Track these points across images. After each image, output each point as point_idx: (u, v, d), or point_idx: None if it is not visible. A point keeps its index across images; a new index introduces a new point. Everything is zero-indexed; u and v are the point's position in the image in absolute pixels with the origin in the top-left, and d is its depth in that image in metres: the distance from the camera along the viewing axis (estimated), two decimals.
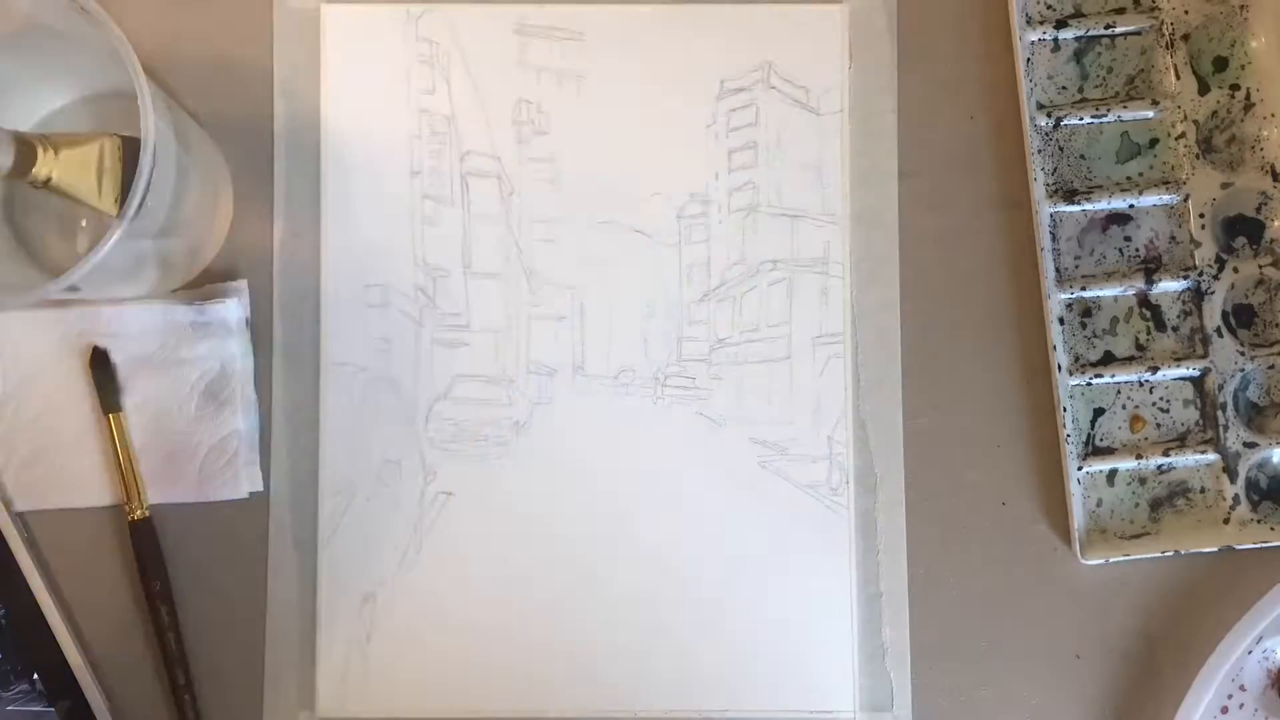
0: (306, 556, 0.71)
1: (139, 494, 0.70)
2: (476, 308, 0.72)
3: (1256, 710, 0.68)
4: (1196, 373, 0.71)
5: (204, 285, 0.71)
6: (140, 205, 0.57)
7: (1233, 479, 0.70)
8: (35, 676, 0.69)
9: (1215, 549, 0.69)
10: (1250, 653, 0.67)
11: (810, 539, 0.71)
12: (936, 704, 0.70)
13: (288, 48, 0.72)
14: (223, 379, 0.70)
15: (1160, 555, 0.70)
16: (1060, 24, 0.72)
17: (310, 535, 0.71)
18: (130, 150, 0.60)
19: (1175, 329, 0.71)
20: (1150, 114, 0.72)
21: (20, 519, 0.70)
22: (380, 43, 0.72)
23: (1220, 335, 0.70)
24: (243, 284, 0.71)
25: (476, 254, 0.72)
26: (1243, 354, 0.70)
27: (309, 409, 0.71)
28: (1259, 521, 0.70)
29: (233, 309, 0.70)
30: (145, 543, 0.70)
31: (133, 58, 0.57)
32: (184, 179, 0.64)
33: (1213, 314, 0.70)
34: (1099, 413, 0.72)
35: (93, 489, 0.71)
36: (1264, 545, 0.70)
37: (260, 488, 0.71)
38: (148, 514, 0.70)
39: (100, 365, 0.70)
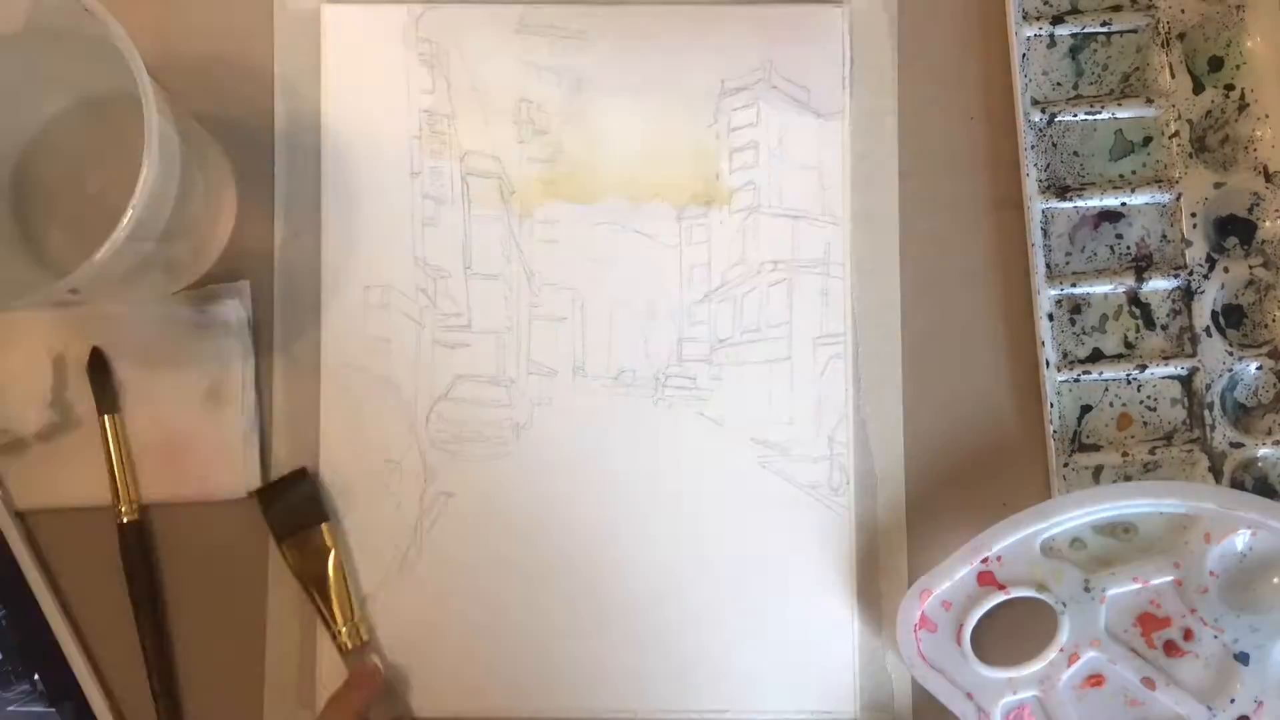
0: None
1: (131, 497, 0.70)
2: (477, 308, 0.72)
3: None
4: (1184, 372, 0.71)
5: (205, 285, 0.71)
6: (142, 208, 0.57)
7: (1218, 478, 0.70)
8: (36, 677, 0.69)
9: None
10: None
11: (811, 539, 0.71)
12: (936, 704, 0.70)
13: (288, 48, 0.72)
14: (223, 379, 0.70)
15: None
16: (1057, 20, 0.72)
17: None
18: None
19: (1164, 328, 0.72)
20: (1144, 112, 0.72)
21: (21, 519, 0.70)
22: (380, 43, 0.72)
23: (1209, 335, 0.71)
24: (244, 284, 0.71)
25: (477, 254, 0.72)
26: (1231, 354, 0.70)
27: (309, 409, 0.71)
28: None
29: (233, 309, 0.70)
30: (133, 546, 0.70)
31: (136, 58, 0.57)
32: (188, 181, 0.63)
33: (1202, 313, 0.71)
34: (1086, 410, 0.72)
35: (93, 489, 0.70)
36: None
37: (260, 487, 0.71)
38: (137, 517, 0.70)
39: (98, 367, 0.70)
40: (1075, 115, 0.72)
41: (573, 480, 0.71)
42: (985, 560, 0.68)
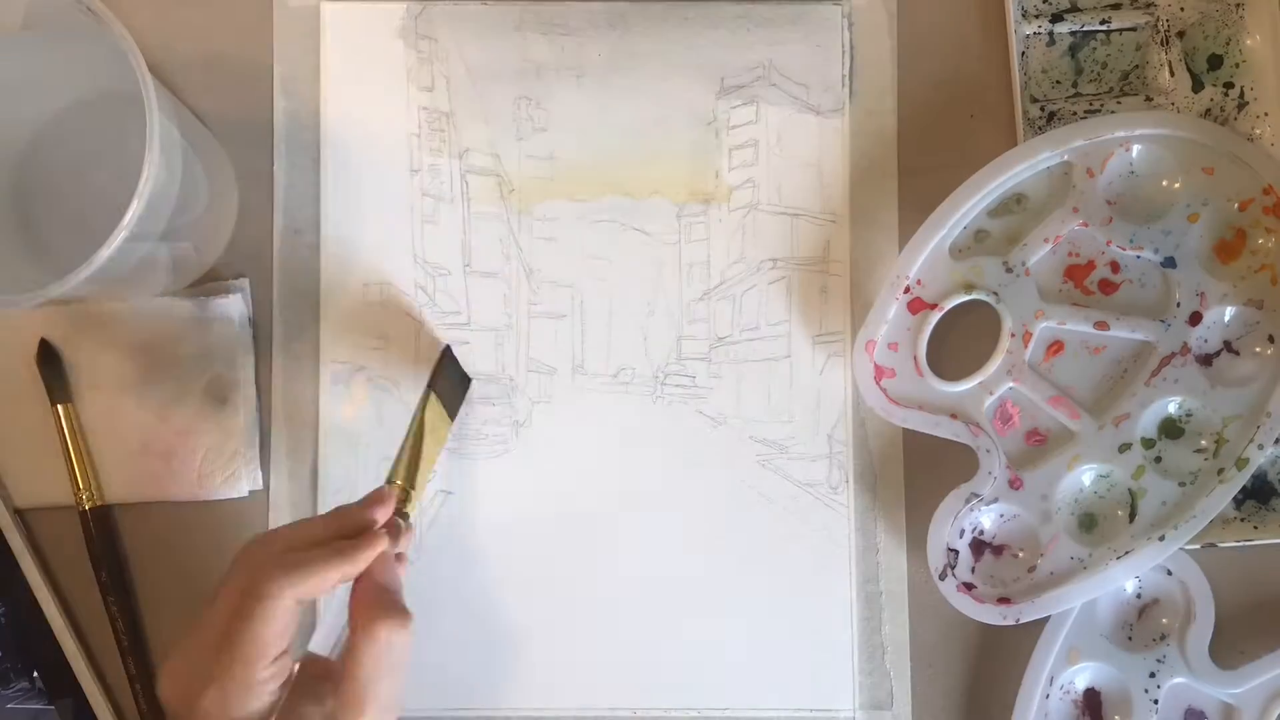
0: None
1: (91, 484, 0.70)
2: (476, 306, 0.72)
3: None
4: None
5: (205, 283, 0.71)
6: (144, 206, 0.57)
7: None
8: (35, 674, 0.70)
9: (1198, 546, 0.69)
10: (1048, 697, 0.68)
11: (810, 537, 0.71)
12: (936, 703, 0.71)
13: (287, 46, 0.72)
14: (223, 377, 0.70)
15: None
16: (1056, 18, 0.72)
17: None
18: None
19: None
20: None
21: (20, 517, 0.70)
22: (379, 40, 0.72)
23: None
24: (244, 282, 0.71)
25: (476, 252, 0.72)
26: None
27: (309, 408, 0.71)
28: (1242, 520, 0.71)
29: (234, 307, 0.70)
30: (95, 533, 0.70)
31: (138, 56, 0.57)
32: (190, 179, 0.63)
33: None
34: None
35: None
36: (1246, 543, 0.70)
37: (260, 486, 0.71)
38: (99, 503, 0.70)
39: (48, 358, 0.70)
40: (1074, 113, 0.72)
41: (572, 478, 0.71)
42: (907, 289, 0.69)
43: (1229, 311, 0.69)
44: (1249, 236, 0.69)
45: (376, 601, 0.58)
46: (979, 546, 0.70)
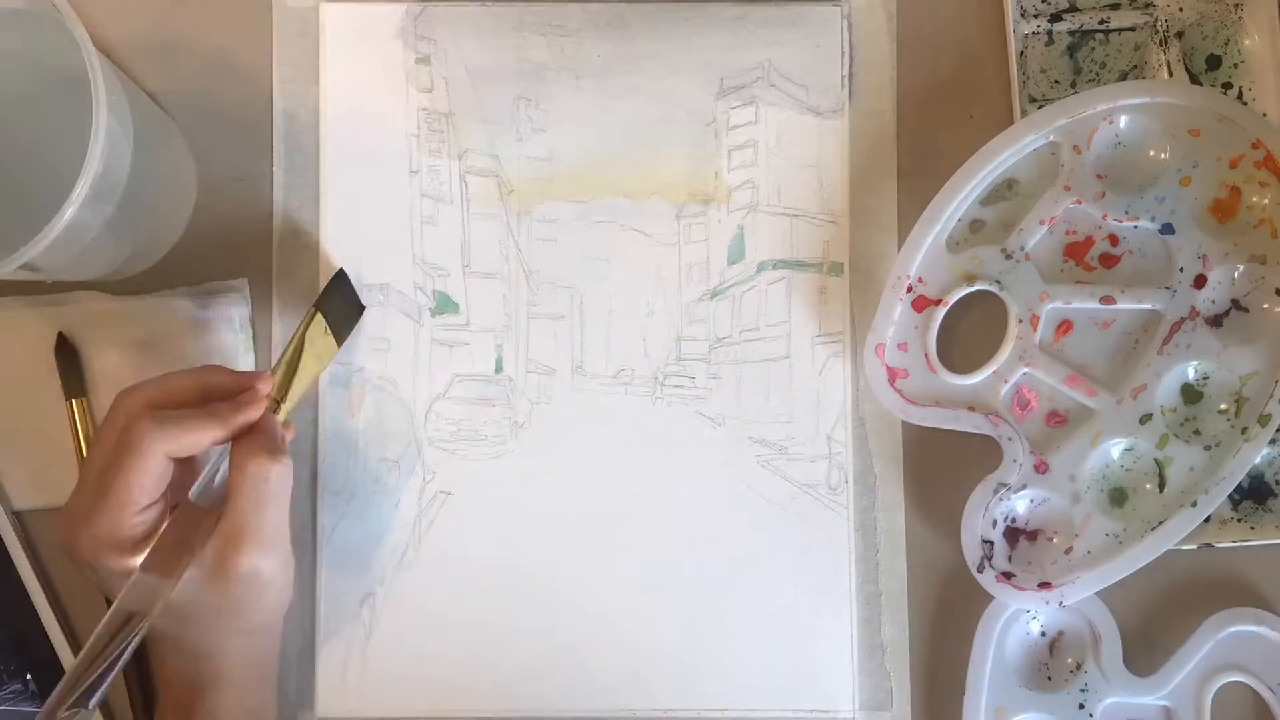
0: (306, 556, 0.70)
1: None
2: (476, 307, 0.72)
3: None
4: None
5: (205, 283, 0.71)
6: (89, 186, 0.57)
7: None
8: (29, 677, 0.69)
9: (1194, 546, 0.70)
10: None
11: (809, 538, 0.71)
12: (936, 704, 0.71)
13: (286, 47, 0.72)
14: None
15: None
16: (1055, 18, 0.72)
17: (310, 535, 0.71)
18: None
19: None
20: None
21: (17, 518, 0.70)
22: (379, 41, 0.72)
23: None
24: (243, 282, 0.71)
25: (475, 253, 0.72)
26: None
27: (308, 410, 0.71)
28: (1239, 520, 0.71)
29: (235, 305, 0.70)
30: None
31: (81, 31, 0.57)
32: (142, 154, 0.63)
33: None
34: None
35: None
36: (1243, 544, 0.70)
37: None
38: None
39: (65, 351, 0.70)
40: None
41: (571, 479, 0.71)
42: (910, 289, 0.70)
43: (1233, 270, 0.69)
44: (1243, 193, 0.69)
45: (255, 442, 0.61)
46: (1013, 534, 0.70)
